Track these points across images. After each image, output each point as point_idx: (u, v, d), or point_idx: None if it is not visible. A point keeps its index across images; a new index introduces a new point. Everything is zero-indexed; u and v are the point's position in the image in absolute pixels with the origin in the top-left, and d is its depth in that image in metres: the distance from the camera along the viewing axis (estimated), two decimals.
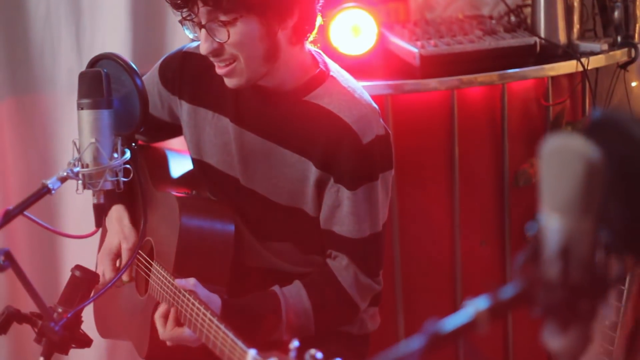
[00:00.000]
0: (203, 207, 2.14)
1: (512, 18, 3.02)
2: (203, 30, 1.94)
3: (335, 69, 2.09)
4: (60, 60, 2.98)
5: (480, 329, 1.01)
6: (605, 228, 1.08)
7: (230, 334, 1.74)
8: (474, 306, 1.01)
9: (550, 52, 2.83)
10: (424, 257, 2.83)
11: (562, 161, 1.00)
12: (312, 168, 2.02)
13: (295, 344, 1.50)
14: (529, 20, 2.93)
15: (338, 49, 2.84)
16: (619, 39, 2.91)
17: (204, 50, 1.96)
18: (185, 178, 2.25)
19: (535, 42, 2.75)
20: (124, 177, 1.87)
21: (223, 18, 1.90)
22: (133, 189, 2.09)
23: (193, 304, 1.90)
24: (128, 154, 1.88)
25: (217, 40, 1.93)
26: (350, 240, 2.04)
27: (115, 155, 1.86)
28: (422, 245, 2.83)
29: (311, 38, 2.04)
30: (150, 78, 2.22)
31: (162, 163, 2.32)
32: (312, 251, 2.13)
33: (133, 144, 1.93)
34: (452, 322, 1.01)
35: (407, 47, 2.70)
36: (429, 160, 2.81)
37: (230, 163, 2.13)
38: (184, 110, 2.18)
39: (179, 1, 1.93)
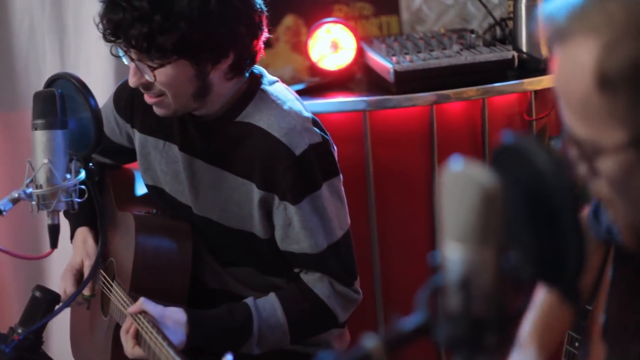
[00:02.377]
0: (160, 225, 2.12)
1: (498, 31, 3.00)
2: (132, 63, 1.91)
3: (265, 82, 2.05)
4: (45, 77, 2.97)
5: None
6: (516, 256, 1.05)
7: (172, 352, 1.74)
8: (370, 340, 0.98)
9: (532, 66, 2.79)
10: (403, 274, 2.79)
11: (459, 189, 0.97)
12: (255, 189, 1.99)
13: (228, 357, 1.48)
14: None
15: (317, 64, 2.82)
16: None
17: (131, 83, 1.94)
18: (149, 198, 2.24)
19: (513, 57, 2.71)
20: (78, 197, 1.86)
21: (150, 63, 1.88)
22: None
23: (145, 325, 1.88)
24: (82, 175, 1.87)
25: (145, 77, 1.90)
26: (312, 256, 2.02)
27: (69, 176, 1.84)
28: (401, 262, 2.79)
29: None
30: (108, 105, 2.21)
31: (128, 183, 2.31)
32: (272, 274, 2.11)
33: (90, 165, 1.92)
34: (347, 356, 0.98)
35: (382, 63, 2.67)
36: (409, 177, 2.78)
37: (182, 192, 2.11)
38: (136, 138, 2.16)
39: (108, 36, 1.90)
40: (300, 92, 2.70)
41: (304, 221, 1.98)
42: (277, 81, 2.09)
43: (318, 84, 2.82)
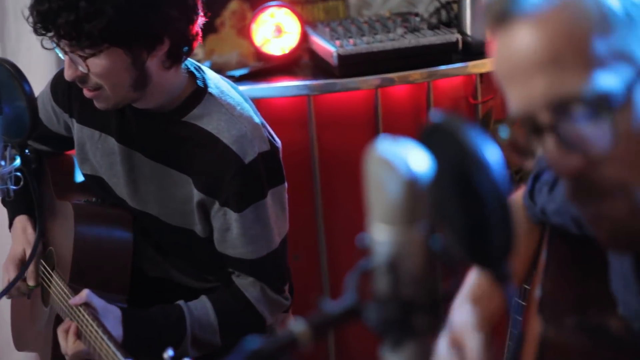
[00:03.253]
0: (100, 214, 2.08)
1: (444, 14, 2.99)
2: (67, 56, 1.87)
3: (214, 84, 2.00)
4: None
5: (303, 346, 0.96)
6: (445, 237, 1.05)
7: (112, 346, 1.71)
8: (298, 324, 0.97)
9: (477, 49, 2.79)
10: (350, 259, 2.78)
11: (385, 170, 0.96)
12: (195, 190, 1.96)
13: (169, 353, 1.47)
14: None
15: (261, 48, 2.80)
16: None
17: (67, 76, 1.88)
18: (89, 186, 2.20)
19: (458, 40, 2.71)
20: (14, 185, 1.82)
21: (82, 53, 1.83)
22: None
23: (85, 318, 1.85)
24: (18, 161, 1.83)
25: (80, 69, 1.86)
26: (247, 262, 1.99)
27: (3, 162, 1.81)
28: (348, 248, 2.78)
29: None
30: (45, 93, 2.15)
31: (68, 171, 2.26)
32: (208, 271, 2.09)
33: (26, 151, 1.88)
34: (274, 341, 0.96)
35: (326, 47, 2.66)
36: (354, 161, 2.75)
37: (117, 184, 2.07)
38: (74, 128, 2.11)
39: (38, 29, 1.84)
40: (244, 77, 2.69)
41: (245, 228, 1.95)
42: (225, 80, 2.05)
43: (262, 68, 2.80)
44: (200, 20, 1.92)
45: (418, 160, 0.94)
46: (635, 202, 1.10)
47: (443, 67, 2.70)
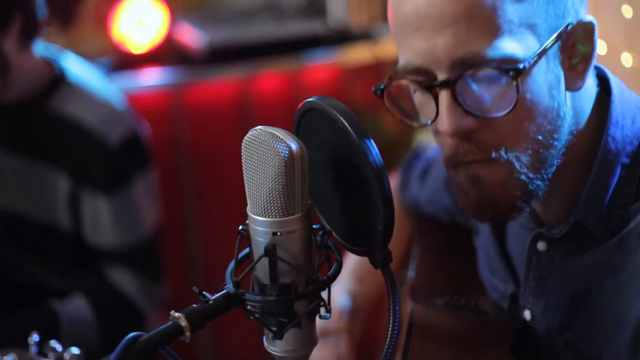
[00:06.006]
0: None
1: (312, 4, 3.00)
2: None
3: (73, 72, 1.96)
4: None
5: (183, 337, 0.94)
6: (324, 223, 1.04)
7: None
8: (179, 315, 0.95)
9: (345, 38, 2.81)
10: (226, 253, 2.76)
11: (259, 157, 0.94)
12: (63, 180, 1.91)
13: (35, 337, 1.41)
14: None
15: (127, 40, 2.74)
16: None
17: None
18: None
19: (326, 29, 2.72)
20: None
21: None
22: None
23: None
24: None
25: None
26: (120, 250, 1.95)
27: None
28: (224, 243, 2.76)
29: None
30: None
31: None
32: (79, 267, 2.03)
33: None
34: (156, 333, 0.94)
35: (194, 37, 2.62)
36: (224, 151, 2.74)
37: None
38: None
39: None
40: (106, 71, 2.62)
41: (115, 214, 1.91)
42: (84, 65, 2.00)
43: (125, 60, 2.73)
44: None
45: (294, 145, 0.93)
46: (510, 169, 1.11)
47: (311, 56, 2.70)
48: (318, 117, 0.99)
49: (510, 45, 1.07)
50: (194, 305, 0.97)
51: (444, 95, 1.09)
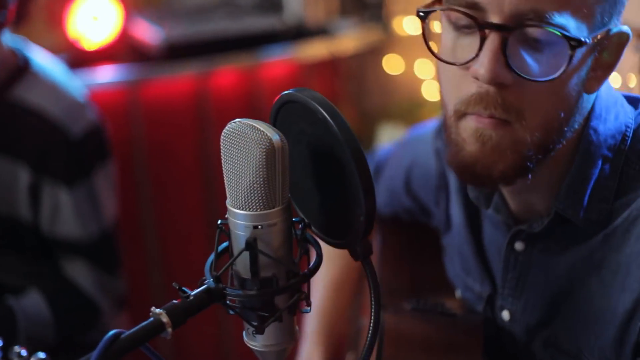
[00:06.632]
0: None
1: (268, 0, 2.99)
2: None
3: (37, 61, 1.93)
4: None
5: (164, 334, 0.93)
6: (304, 216, 1.03)
7: None
8: (157, 312, 0.93)
9: (302, 33, 2.80)
10: (182, 243, 2.74)
11: (239, 149, 0.93)
12: (24, 171, 1.87)
13: None
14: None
15: (82, 36, 2.70)
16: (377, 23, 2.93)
17: None
18: None
19: (283, 25, 2.71)
20: None
21: None
22: None
23: None
24: None
25: None
26: (78, 242, 1.92)
27: None
28: (180, 230, 2.74)
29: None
30: None
31: None
32: (36, 262, 1.99)
33: None
34: (137, 330, 0.92)
35: (151, 33, 2.60)
36: (181, 147, 2.72)
37: None
38: None
39: None
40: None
41: (75, 206, 1.89)
42: (47, 57, 1.97)
43: (81, 58, 2.70)
44: None
45: (273, 137, 0.92)
46: (519, 141, 1.10)
47: (268, 52, 2.69)
48: (296, 109, 0.98)
49: (572, 23, 1.05)
50: (175, 301, 0.95)
51: (493, 40, 1.06)
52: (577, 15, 1.06)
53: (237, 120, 0.95)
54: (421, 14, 1.13)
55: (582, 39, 1.05)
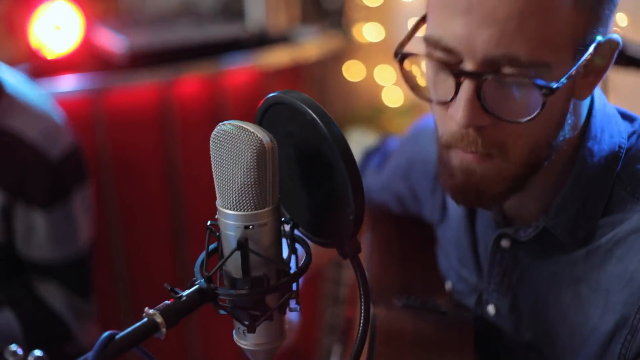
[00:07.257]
0: None
1: (231, 7, 3.00)
2: None
3: (11, 85, 1.91)
4: None
5: (158, 334, 0.94)
6: (294, 216, 1.05)
7: None
8: (150, 313, 0.94)
9: (265, 41, 2.82)
10: (148, 252, 2.73)
11: (229, 151, 0.94)
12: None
13: None
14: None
15: (43, 45, 2.69)
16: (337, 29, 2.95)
17: None
18: None
19: (245, 32, 2.73)
20: None
21: None
22: None
23: None
24: None
25: None
26: (52, 264, 1.91)
27: None
28: (146, 240, 2.73)
29: None
30: None
31: None
32: (9, 281, 1.97)
33: None
34: (132, 330, 0.93)
35: (113, 41, 2.59)
36: (146, 155, 2.71)
37: None
38: None
39: None
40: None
41: (51, 228, 1.87)
42: (15, 74, 1.95)
43: (43, 67, 2.68)
44: None
45: (266, 138, 0.94)
46: (504, 169, 1.12)
47: (231, 60, 2.70)
48: (283, 111, 0.99)
49: (549, 57, 1.05)
50: (167, 302, 0.96)
51: (468, 86, 1.07)
52: (555, 49, 1.06)
53: (226, 122, 0.96)
54: (398, 57, 1.14)
55: (553, 87, 1.05)
